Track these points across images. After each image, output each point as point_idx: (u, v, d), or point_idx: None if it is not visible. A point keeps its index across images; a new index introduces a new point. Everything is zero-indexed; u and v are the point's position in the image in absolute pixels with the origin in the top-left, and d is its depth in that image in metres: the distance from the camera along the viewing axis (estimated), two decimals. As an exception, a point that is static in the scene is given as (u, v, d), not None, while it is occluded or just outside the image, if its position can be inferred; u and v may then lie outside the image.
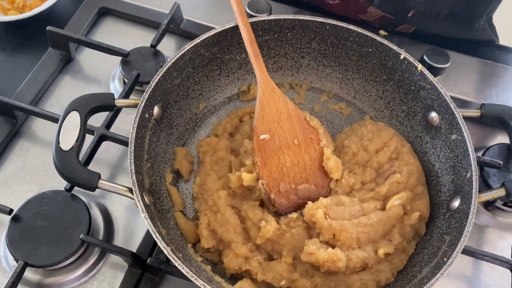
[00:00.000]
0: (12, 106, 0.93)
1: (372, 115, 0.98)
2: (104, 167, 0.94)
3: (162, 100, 0.85)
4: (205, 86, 0.95)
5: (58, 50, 1.04)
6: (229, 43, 0.91)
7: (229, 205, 0.82)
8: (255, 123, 0.84)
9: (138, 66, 1.00)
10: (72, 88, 1.03)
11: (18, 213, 0.82)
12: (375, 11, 1.04)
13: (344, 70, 0.98)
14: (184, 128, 0.94)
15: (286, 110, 0.85)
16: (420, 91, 0.89)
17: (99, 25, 1.12)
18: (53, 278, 0.82)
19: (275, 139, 0.84)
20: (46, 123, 0.96)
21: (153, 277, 0.83)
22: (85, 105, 0.78)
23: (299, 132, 0.85)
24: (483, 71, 1.11)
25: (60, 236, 0.81)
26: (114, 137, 0.90)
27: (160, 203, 0.83)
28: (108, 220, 0.88)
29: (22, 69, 1.04)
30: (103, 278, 0.84)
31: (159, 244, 0.70)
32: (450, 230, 0.78)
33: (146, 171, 0.82)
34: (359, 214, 0.82)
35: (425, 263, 0.78)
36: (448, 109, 0.84)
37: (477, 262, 0.89)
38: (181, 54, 0.85)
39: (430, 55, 1.04)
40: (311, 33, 0.93)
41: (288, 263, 0.79)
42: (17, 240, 0.80)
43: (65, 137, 0.75)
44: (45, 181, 0.91)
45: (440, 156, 0.87)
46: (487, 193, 0.79)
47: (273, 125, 0.84)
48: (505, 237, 0.93)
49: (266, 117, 0.84)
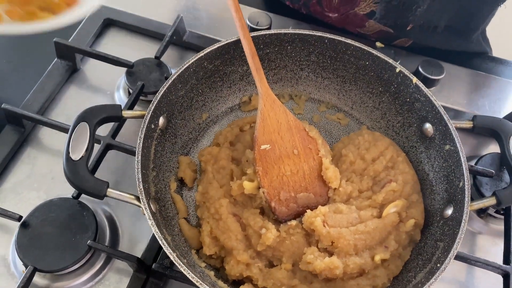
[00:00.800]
0: (21, 115, 0.96)
1: (369, 125, 1.01)
2: (108, 175, 0.96)
3: (167, 111, 0.88)
4: (208, 97, 0.98)
5: (64, 61, 1.07)
6: (232, 56, 0.94)
7: (230, 213, 0.85)
8: (256, 134, 0.87)
9: (142, 76, 1.03)
10: (78, 98, 1.06)
11: (27, 220, 0.85)
12: (374, 25, 1.07)
13: (342, 82, 1.01)
14: (188, 138, 0.97)
15: (286, 121, 0.88)
16: (415, 103, 0.92)
17: (104, 36, 1.15)
18: (61, 282, 0.84)
19: (275, 149, 0.87)
20: (53, 132, 0.99)
21: (158, 282, 0.85)
22: (93, 116, 0.81)
23: (299, 142, 0.89)
24: (476, 82, 1.14)
25: (68, 242, 0.83)
26: (120, 146, 0.93)
27: (165, 210, 0.86)
28: (113, 226, 0.91)
29: (29, 79, 1.06)
30: (109, 283, 0.86)
31: (165, 250, 0.72)
32: (444, 237, 0.80)
33: (152, 179, 0.84)
34: (357, 221, 0.84)
35: (420, 268, 0.81)
36: (442, 120, 0.87)
37: (470, 268, 0.92)
38: (185, 66, 0.88)
39: (425, 67, 1.07)
40: (310, 46, 0.96)
41: (288, 269, 0.82)
42: (26, 246, 0.82)
43: (75, 147, 0.77)
44: (52, 188, 0.94)
45: (434, 166, 0.90)
46: (479, 202, 0.81)
47: (274, 135, 0.87)
48: (497, 244, 0.96)
49: (267, 128, 0.87)
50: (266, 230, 0.82)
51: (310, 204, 0.87)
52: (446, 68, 1.08)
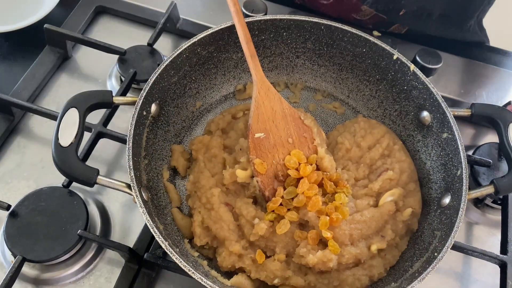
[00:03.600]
0: (10, 103, 0.94)
1: (365, 114, 1.00)
2: (101, 164, 0.94)
3: (159, 98, 0.87)
4: (202, 84, 0.96)
5: (55, 48, 1.05)
6: (226, 42, 0.93)
7: (222, 202, 0.83)
8: (250, 121, 0.85)
9: (135, 64, 1.01)
10: (69, 86, 1.04)
11: (16, 209, 0.83)
12: (368, 9, 1.06)
13: (338, 69, 0.99)
14: (181, 126, 0.95)
15: (281, 109, 0.87)
16: (413, 90, 0.90)
17: (96, 24, 1.13)
18: (51, 273, 0.83)
19: (270, 138, 0.85)
20: (43, 120, 0.97)
21: (150, 273, 0.84)
22: (84, 102, 0.79)
23: (294, 131, 0.87)
24: (474, 72, 1.13)
25: (58, 232, 0.82)
26: (112, 134, 0.91)
27: (157, 199, 0.84)
28: (105, 216, 0.89)
29: (19, 67, 1.04)
30: (100, 274, 0.85)
31: (157, 239, 0.71)
32: (441, 226, 0.79)
33: (144, 167, 0.83)
34: (353, 211, 0.83)
35: (417, 258, 0.80)
36: (440, 108, 0.86)
37: (466, 258, 0.91)
38: (178, 52, 0.86)
39: (423, 56, 1.05)
40: (306, 33, 0.95)
41: (281, 260, 0.81)
42: (15, 236, 0.81)
43: (64, 134, 0.76)
44: (42, 177, 0.92)
45: (432, 154, 0.89)
46: (477, 190, 0.80)
47: (268, 124, 0.86)
48: (494, 234, 0.95)
49: (261, 116, 0.86)
50: (258, 220, 0.80)
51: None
52: (444, 57, 1.07)
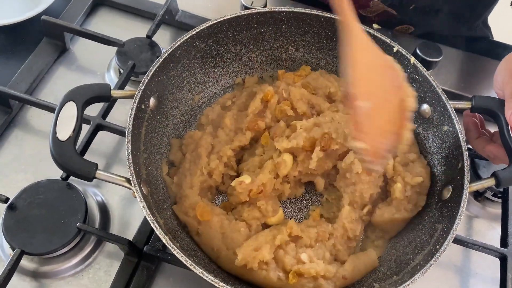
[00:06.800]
0: (7, 95, 0.93)
1: (365, 107, 0.99)
2: (99, 157, 0.94)
3: (158, 91, 0.86)
4: (200, 78, 0.95)
5: (53, 40, 1.04)
6: (225, 35, 0.92)
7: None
8: (350, 88, 0.71)
9: (133, 56, 1.00)
10: (67, 79, 1.03)
11: (14, 202, 0.82)
12: (378, 5, 1.04)
13: (338, 63, 0.98)
14: (180, 120, 0.94)
15: (379, 65, 0.73)
16: (413, 83, 0.90)
17: (94, 16, 1.12)
18: (49, 266, 0.82)
19: (372, 102, 0.71)
20: (41, 112, 0.96)
21: (150, 266, 0.83)
22: (81, 95, 0.78)
23: (389, 85, 0.73)
24: (475, 65, 1.12)
25: (56, 225, 0.81)
26: (111, 126, 0.90)
27: (156, 193, 0.84)
28: (104, 209, 0.89)
29: (16, 59, 1.03)
30: (99, 267, 0.84)
31: (157, 233, 0.70)
32: (442, 219, 0.79)
33: (143, 161, 0.82)
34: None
35: (418, 251, 0.79)
36: (440, 101, 0.85)
37: (467, 251, 0.91)
38: (177, 45, 0.86)
39: (423, 49, 1.05)
40: (306, 25, 0.94)
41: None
42: (13, 229, 0.80)
43: (62, 127, 0.75)
44: (40, 170, 0.92)
45: (432, 147, 0.89)
46: (478, 183, 0.80)
47: (370, 86, 0.72)
48: (494, 227, 0.95)
49: (361, 78, 0.71)
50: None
51: None
52: (444, 50, 1.06)
